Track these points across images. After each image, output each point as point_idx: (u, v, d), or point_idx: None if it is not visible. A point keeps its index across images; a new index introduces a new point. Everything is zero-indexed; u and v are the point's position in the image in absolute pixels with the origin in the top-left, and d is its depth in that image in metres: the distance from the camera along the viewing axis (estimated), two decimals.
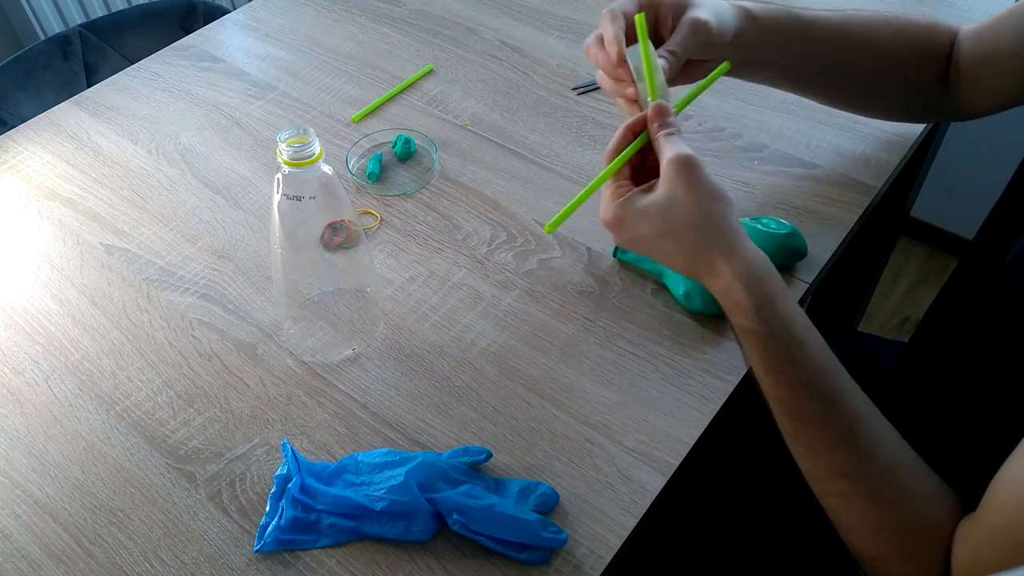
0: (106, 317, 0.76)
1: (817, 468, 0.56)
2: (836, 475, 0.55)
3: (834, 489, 0.55)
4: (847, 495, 0.55)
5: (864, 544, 0.55)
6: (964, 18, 1.04)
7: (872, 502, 0.54)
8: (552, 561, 0.58)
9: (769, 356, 0.55)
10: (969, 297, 0.69)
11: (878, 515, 0.53)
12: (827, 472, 0.55)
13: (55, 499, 0.64)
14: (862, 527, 0.55)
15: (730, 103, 0.95)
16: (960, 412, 0.63)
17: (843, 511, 0.55)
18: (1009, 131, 1.71)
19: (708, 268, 0.57)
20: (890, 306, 1.90)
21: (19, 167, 0.93)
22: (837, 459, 0.54)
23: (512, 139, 0.92)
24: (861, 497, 0.54)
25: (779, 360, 0.55)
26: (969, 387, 0.64)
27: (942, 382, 0.68)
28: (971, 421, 0.61)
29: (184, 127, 0.96)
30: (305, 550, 0.60)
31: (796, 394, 0.55)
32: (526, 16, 1.10)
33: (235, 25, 1.13)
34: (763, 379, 0.56)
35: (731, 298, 0.56)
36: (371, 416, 0.68)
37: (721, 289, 0.57)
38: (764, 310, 0.55)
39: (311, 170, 0.61)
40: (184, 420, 0.68)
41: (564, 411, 0.67)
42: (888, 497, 0.53)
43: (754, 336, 0.55)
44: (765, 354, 0.55)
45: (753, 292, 0.55)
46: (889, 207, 1.21)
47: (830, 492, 0.56)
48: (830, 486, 0.55)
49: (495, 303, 0.76)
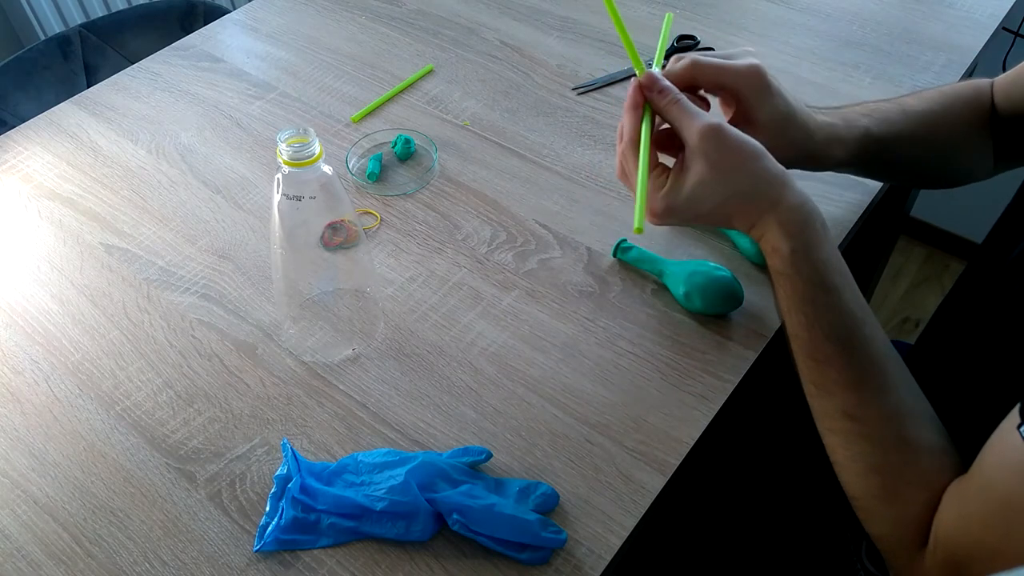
0: (106, 317, 0.76)
1: (824, 405, 0.58)
2: (840, 414, 0.57)
3: (836, 426, 0.57)
4: (847, 433, 0.57)
5: (854, 481, 0.57)
6: (964, 18, 1.05)
7: (870, 444, 0.56)
8: (552, 561, 0.58)
9: (795, 297, 0.57)
10: (977, 299, 0.69)
11: (874, 457, 0.56)
12: (833, 410, 0.57)
13: (55, 499, 0.64)
14: (855, 465, 0.57)
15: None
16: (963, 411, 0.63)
17: (840, 447, 0.57)
18: None
19: (756, 221, 0.59)
20: (890, 306, 1.90)
21: (19, 167, 0.93)
22: (844, 400, 0.56)
23: (512, 139, 0.92)
24: (860, 437, 0.56)
25: (803, 302, 0.57)
26: (976, 387, 0.64)
27: (949, 382, 0.68)
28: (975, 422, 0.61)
29: (184, 127, 0.96)
30: (305, 550, 0.60)
31: (813, 335, 0.57)
32: (526, 16, 1.10)
33: (235, 25, 1.13)
34: (785, 316, 0.59)
35: (768, 242, 0.58)
36: (371, 416, 0.68)
37: (760, 234, 0.59)
38: (797, 254, 0.57)
39: (311, 170, 0.61)
40: (184, 420, 0.68)
41: (564, 411, 0.67)
42: (886, 442, 0.55)
43: (784, 277, 0.58)
44: (792, 295, 0.58)
45: (791, 237, 0.57)
46: (889, 207, 1.21)
47: (832, 429, 0.58)
48: (834, 423, 0.57)
49: (495, 303, 0.76)
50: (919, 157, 0.75)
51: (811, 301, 0.57)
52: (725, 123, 0.57)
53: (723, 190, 0.58)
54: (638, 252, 0.77)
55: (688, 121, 0.58)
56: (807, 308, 0.57)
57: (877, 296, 1.89)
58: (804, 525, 0.82)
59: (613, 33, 1.06)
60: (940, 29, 1.03)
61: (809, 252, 0.57)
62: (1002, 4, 1.06)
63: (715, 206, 0.59)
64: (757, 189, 0.58)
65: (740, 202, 0.58)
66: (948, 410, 0.59)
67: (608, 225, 0.82)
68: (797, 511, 0.83)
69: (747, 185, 0.58)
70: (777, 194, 0.58)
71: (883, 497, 0.55)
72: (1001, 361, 0.61)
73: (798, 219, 0.57)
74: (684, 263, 0.74)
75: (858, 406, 0.56)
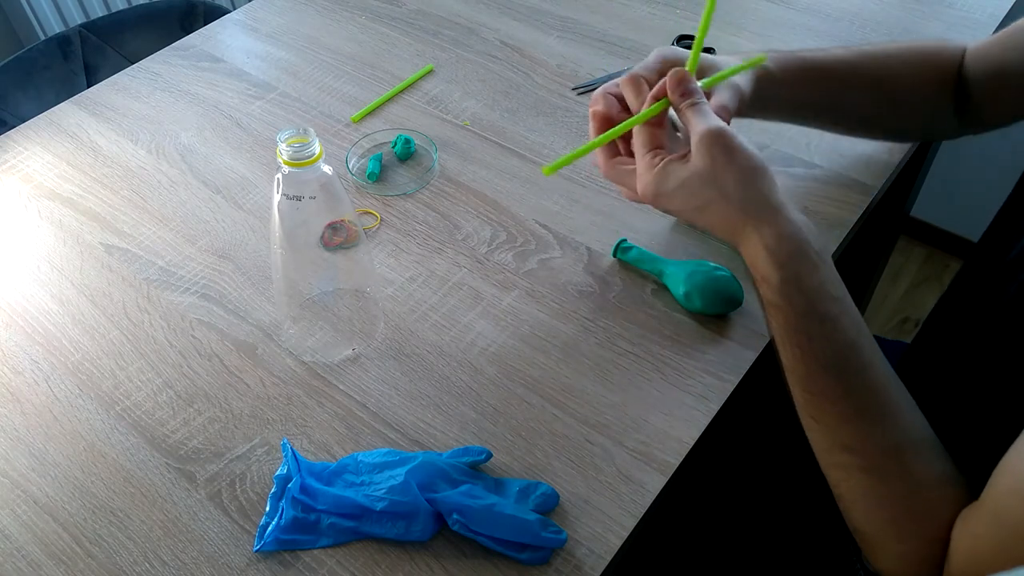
0: (106, 317, 0.76)
1: (823, 439, 0.56)
2: (841, 448, 0.55)
3: (837, 461, 0.56)
4: (849, 468, 0.55)
5: (861, 518, 0.55)
6: (964, 18, 1.05)
7: (874, 478, 0.54)
8: (552, 561, 0.58)
9: (788, 329, 0.56)
10: (974, 298, 0.69)
11: (878, 491, 0.54)
12: (832, 444, 0.56)
13: (55, 499, 0.64)
14: (861, 501, 0.55)
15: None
16: (962, 411, 0.63)
17: (844, 483, 0.56)
18: (1009, 131, 1.71)
19: (740, 238, 0.57)
20: (890, 306, 1.90)
21: (19, 167, 0.93)
22: (844, 433, 0.55)
23: (512, 139, 0.92)
24: (863, 472, 0.54)
25: (796, 334, 0.55)
26: (972, 386, 0.64)
27: (945, 381, 0.68)
28: (972, 421, 0.61)
29: (184, 127, 0.96)
30: (305, 550, 0.60)
31: (810, 368, 0.55)
32: (526, 16, 1.10)
33: (235, 25, 1.13)
34: (780, 348, 0.57)
35: (757, 270, 0.57)
36: (371, 416, 0.68)
37: (749, 259, 0.57)
38: (788, 284, 0.55)
39: (311, 170, 0.61)
40: (184, 420, 0.68)
41: (564, 411, 0.67)
42: (890, 475, 0.53)
43: (775, 308, 0.56)
44: (785, 326, 0.56)
45: (780, 266, 0.55)
46: (889, 207, 1.21)
47: (833, 464, 0.56)
48: (834, 458, 0.56)
49: (495, 303, 0.76)
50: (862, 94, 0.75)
51: (805, 333, 0.55)
52: (735, 133, 0.57)
53: (714, 190, 0.57)
54: (638, 252, 0.77)
55: (701, 119, 0.58)
56: (801, 340, 0.55)
57: (877, 296, 1.89)
58: (804, 525, 0.82)
59: (613, 33, 1.06)
60: (940, 29, 1.03)
61: (800, 282, 0.55)
62: (1002, 4, 1.06)
63: (702, 203, 0.58)
64: (748, 203, 0.56)
65: (727, 208, 0.57)
66: (945, 409, 0.59)
67: (608, 225, 0.82)
68: (797, 511, 0.83)
69: (739, 194, 0.56)
70: (769, 216, 0.56)
71: (890, 532, 0.54)
72: (998, 361, 0.61)
73: (788, 248, 0.55)
74: (684, 263, 0.74)
75: (857, 438, 0.54)
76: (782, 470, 0.86)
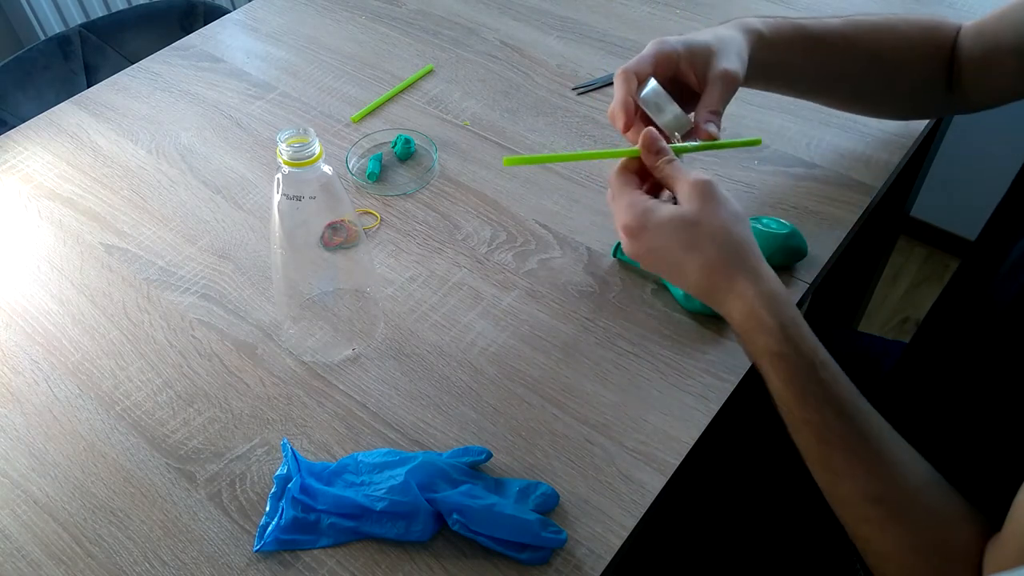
0: (106, 317, 0.76)
1: (848, 494, 0.54)
2: (867, 500, 0.53)
3: (866, 515, 0.53)
4: (879, 520, 0.53)
5: (897, 570, 0.53)
6: (964, 17, 1.04)
7: (904, 526, 0.52)
8: (552, 561, 0.58)
9: (797, 377, 0.54)
10: (970, 299, 0.69)
11: (911, 538, 0.52)
12: (858, 497, 0.53)
13: (55, 499, 0.64)
14: (896, 552, 0.52)
15: (730, 103, 0.94)
16: (960, 412, 0.63)
17: (876, 537, 0.53)
18: (1009, 131, 1.71)
19: (728, 287, 0.56)
20: (890, 306, 1.90)
21: (19, 167, 0.93)
22: (868, 482, 0.53)
23: (512, 139, 0.92)
24: (893, 521, 0.52)
25: (807, 381, 0.53)
26: (969, 388, 0.64)
27: (942, 383, 0.68)
28: (971, 421, 0.61)
29: (184, 127, 0.96)
30: (305, 550, 0.60)
31: (825, 416, 0.53)
32: (526, 16, 1.10)
33: (235, 25, 1.13)
34: (791, 403, 0.54)
35: (755, 319, 0.55)
36: (371, 416, 0.68)
37: (743, 310, 0.56)
38: (789, 329, 0.54)
39: (311, 170, 0.61)
40: (184, 420, 0.68)
41: (564, 411, 0.67)
42: (919, 519, 0.52)
43: (780, 358, 0.54)
44: (794, 376, 0.54)
45: (778, 313, 0.54)
46: (889, 207, 1.21)
47: (861, 518, 0.54)
48: (861, 511, 0.54)
49: (495, 303, 0.76)
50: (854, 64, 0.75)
51: (814, 379, 0.53)
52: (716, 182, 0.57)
53: (702, 235, 0.56)
54: None
55: (681, 175, 0.58)
56: (814, 387, 0.53)
57: (877, 296, 1.89)
58: (804, 525, 0.82)
59: (613, 33, 1.06)
60: None
61: (799, 327, 0.54)
62: (1002, 4, 1.06)
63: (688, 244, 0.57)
64: (738, 251, 0.56)
65: (716, 255, 0.56)
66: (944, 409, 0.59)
67: (608, 225, 0.82)
68: (797, 511, 0.83)
69: (730, 241, 0.56)
70: (755, 265, 0.56)
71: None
72: (996, 360, 0.61)
73: (780, 293, 0.55)
74: None
75: (881, 486, 0.52)
76: (782, 470, 0.86)
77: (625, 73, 0.64)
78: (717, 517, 0.86)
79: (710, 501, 0.87)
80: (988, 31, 0.73)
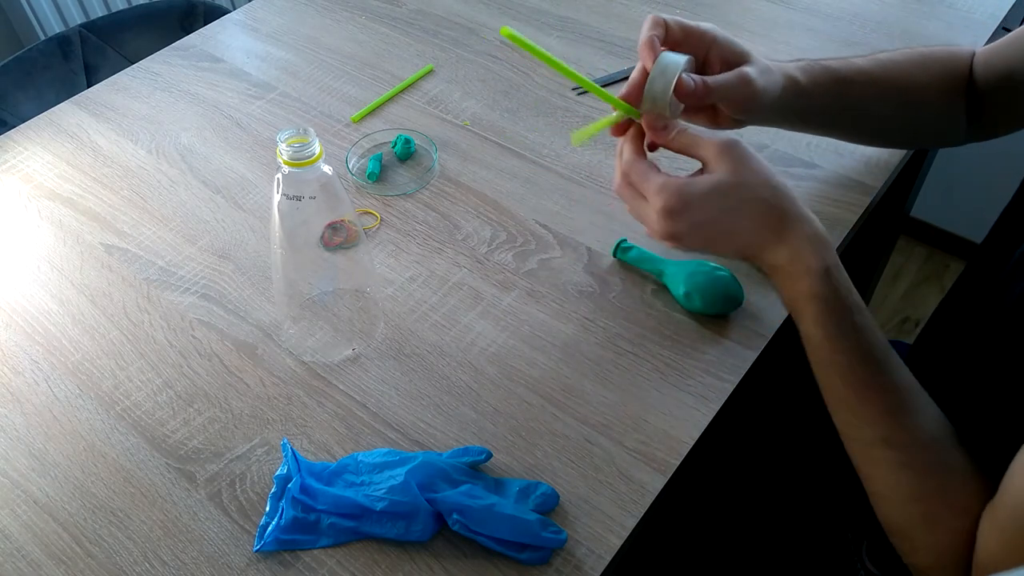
0: (106, 317, 0.76)
1: (863, 435, 0.56)
2: (881, 443, 0.55)
3: (875, 456, 0.56)
4: (888, 463, 0.55)
5: (897, 513, 0.56)
6: (965, 18, 1.05)
7: (910, 472, 0.54)
8: (552, 561, 0.58)
9: (834, 319, 0.55)
10: (976, 300, 0.69)
11: (913, 484, 0.54)
12: (872, 439, 0.56)
13: (55, 499, 0.64)
14: (896, 495, 0.55)
15: None
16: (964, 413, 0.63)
17: (881, 480, 0.56)
18: None
19: (777, 237, 0.57)
20: (890, 306, 1.90)
21: (19, 167, 0.93)
22: (884, 427, 0.55)
23: (512, 139, 0.92)
24: (901, 466, 0.54)
25: (844, 324, 0.55)
26: (973, 388, 0.64)
27: (945, 383, 0.68)
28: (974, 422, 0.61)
29: (184, 127, 0.96)
30: (305, 550, 0.60)
31: (852, 359, 0.55)
32: (526, 16, 1.10)
33: (235, 25, 1.13)
34: (820, 343, 0.56)
35: (802, 262, 0.56)
36: (371, 416, 0.68)
37: (790, 254, 0.57)
38: (833, 271, 0.56)
39: (311, 170, 0.61)
40: (184, 420, 0.68)
41: (564, 411, 0.67)
42: (926, 468, 0.54)
43: (820, 300, 0.56)
44: (830, 317, 0.56)
45: (824, 256, 0.56)
46: (889, 207, 1.21)
47: (870, 459, 0.56)
48: (872, 453, 0.56)
49: (495, 303, 0.76)
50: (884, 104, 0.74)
51: (851, 324, 0.55)
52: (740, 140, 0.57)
53: (745, 192, 0.57)
54: (638, 252, 0.77)
55: (703, 140, 0.58)
56: (847, 330, 0.55)
57: (877, 296, 1.89)
58: (805, 525, 0.82)
59: (613, 33, 1.06)
60: (940, 29, 1.03)
61: (841, 271, 0.56)
62: (1002, 4, 1.06)
63: (732, 207, 0.57)
64: (780, 200, 0.57)
65: (762, 207, 0.57)
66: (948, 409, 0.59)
67: (608, 225, 0.82)
68: (798, 511, 0.83)
69: (770, 194, 0.57)
70: (800, 210, 0.57)
71: (925, 526, 0.54)
72: (1002, 362, 0.61)
73: (824, 237, 0.57)
74: (684, 263, 0.74)
75: (897, 432, 0.55)
76: (782, 470, 0.86)
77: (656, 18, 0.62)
78: (717, 517, 0.86)
79: (710, 501, 0.87)
80: (997, 59, 0.72)
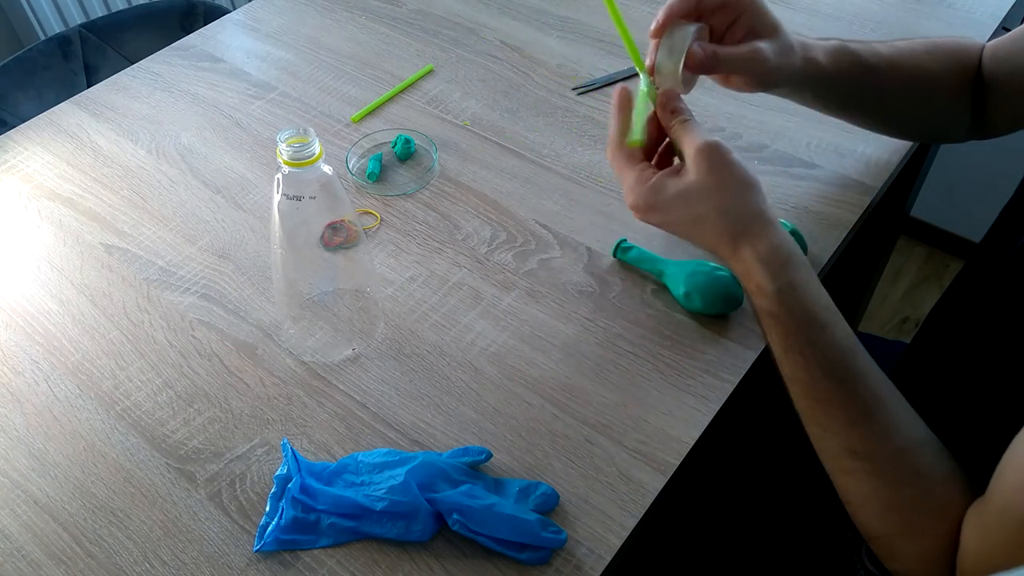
0: (106, 317, 0.76)
1: (830, 447, 0.57)
2: (849, 454, 0.55)
3: (846, 467, 0.56)
4: (858, 473, 0.55)
5: (872, 521, 0.56)
6: (965, 17, 1.05)
7: (883, 481, 0.54)
8: (552, 561, 0.58)
9: (788, 337, 0.56)
10: (975, 297, 0.69)
11: (887, 493, 0.54)
12: (840, 451, 0.56)
13: (55, 499, 0.64)
14: (871, 505, 0.55)
15: (730, 103, 0.95)
16: (960, 412, 0.63)
17: (853, 489, 0.56)
18: None
19: (731, 251, 0.58)
20: (890, 306, 1.90)
21: (19, 167, 0.93)
22: (850, 438, 0.55)
23: (512, 139, 0.92)
24: (872, 476, 0.55)
25: (797, 342, 0.56)
26: (972, 385, 0.64)
27: (945, 381, 0.68)
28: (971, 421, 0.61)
29: (184, 127, 0.96)
30: (305, 550, 0.60)
31: (813, 375, 0.56)
32: (526, 16, 1.10)
33: (235, 25, 1.13)
34: (781, 359, 0.57)
35: (752, 280, 0.57)
36: (371, 416, 0.68)
37: (743, 271, 0.58)
38: (784, 293, 0.56)
39: (311, 170, 0.61)
40: (184, 420, 0.68)
41: (564, 411, 0.67)
42: (899, 477, 0.54)
43: (773, 318, 0.57)
44: (784, 335, 0.56)
45: (775, 276, 0.56)
46: (889, 207, 1.21)
47: (842, 469, 0.56)
48: (843, 464, 0.56)
49: (495, 303, 0.76)
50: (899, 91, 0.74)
51: (805, 340, 0.56)
52: (729, 147, 0.58)
53: (708, 204, 0.58)
54: (638, 252, 0.77)
55: (691, 137, 0.59)
56: (802, 347, 0.56)
57: (877, 296, 1.89)
58: (805, 525, 0.82)
59: (613, 33, 1.06)
60: (940, 29, 1.03)
61: (795, 291, 0.56)
62: (1002, 4, 1.06)
63: (696, 217, 0.58)
64: (741, 215, 0.57)
65: (721, 222, 0.58)
66: (944, 409, 0.59)
67: (608, 225, 0.82)
68: (798, 511, 0.83)
69: (732, 207, 0.57)
70: (760, 229, 0.57)
71: (903, 533, 0.54)
72: (998, 360, 0.61)
73: (781, 257, 0.57)
74: (684, 263, 0.74)
75: (865, 442, 0.55)
76: (782, 470, 0.86)
77: None
78: (717, 517, 0.86)
79: (710, 501, 0.87)
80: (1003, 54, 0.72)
